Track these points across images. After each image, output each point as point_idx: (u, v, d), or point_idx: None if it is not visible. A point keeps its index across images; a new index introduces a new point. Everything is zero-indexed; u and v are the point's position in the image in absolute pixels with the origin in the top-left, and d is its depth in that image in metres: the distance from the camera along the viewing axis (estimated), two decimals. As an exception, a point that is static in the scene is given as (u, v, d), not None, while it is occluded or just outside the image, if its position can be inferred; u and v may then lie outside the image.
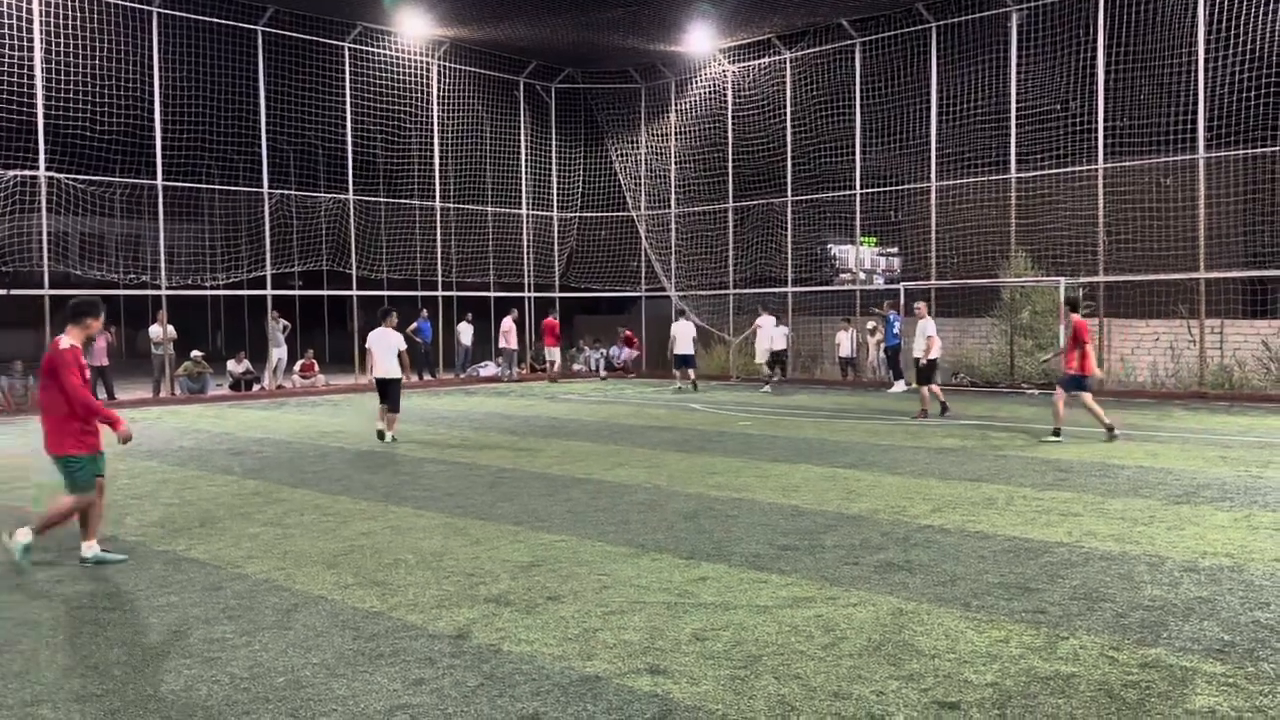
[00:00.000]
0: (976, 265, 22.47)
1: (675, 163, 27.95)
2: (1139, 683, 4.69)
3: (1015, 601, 6.01)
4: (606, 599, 6.15)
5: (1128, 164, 20.51)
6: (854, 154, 24.29)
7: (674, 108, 27.86)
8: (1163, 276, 20.07)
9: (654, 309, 28.90)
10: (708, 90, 27.14)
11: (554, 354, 26.22)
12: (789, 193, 25.52)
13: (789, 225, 25.54)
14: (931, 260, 23.25)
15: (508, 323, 25.88)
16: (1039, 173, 21.66)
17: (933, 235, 23.24)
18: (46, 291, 19.98)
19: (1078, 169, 21.15)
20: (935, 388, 16.61)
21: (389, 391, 14.33)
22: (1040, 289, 21.42)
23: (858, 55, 24.01)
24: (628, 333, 28.99)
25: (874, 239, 27.98)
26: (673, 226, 28.09)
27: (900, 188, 24.29)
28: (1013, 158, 21.93)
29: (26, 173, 19.54)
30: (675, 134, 27.90)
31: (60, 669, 5.08)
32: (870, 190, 24.39)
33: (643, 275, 28.89)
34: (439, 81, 25.97)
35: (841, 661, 5.01)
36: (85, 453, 7.28)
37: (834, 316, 25.05)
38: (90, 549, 7.37)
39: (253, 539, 8.04)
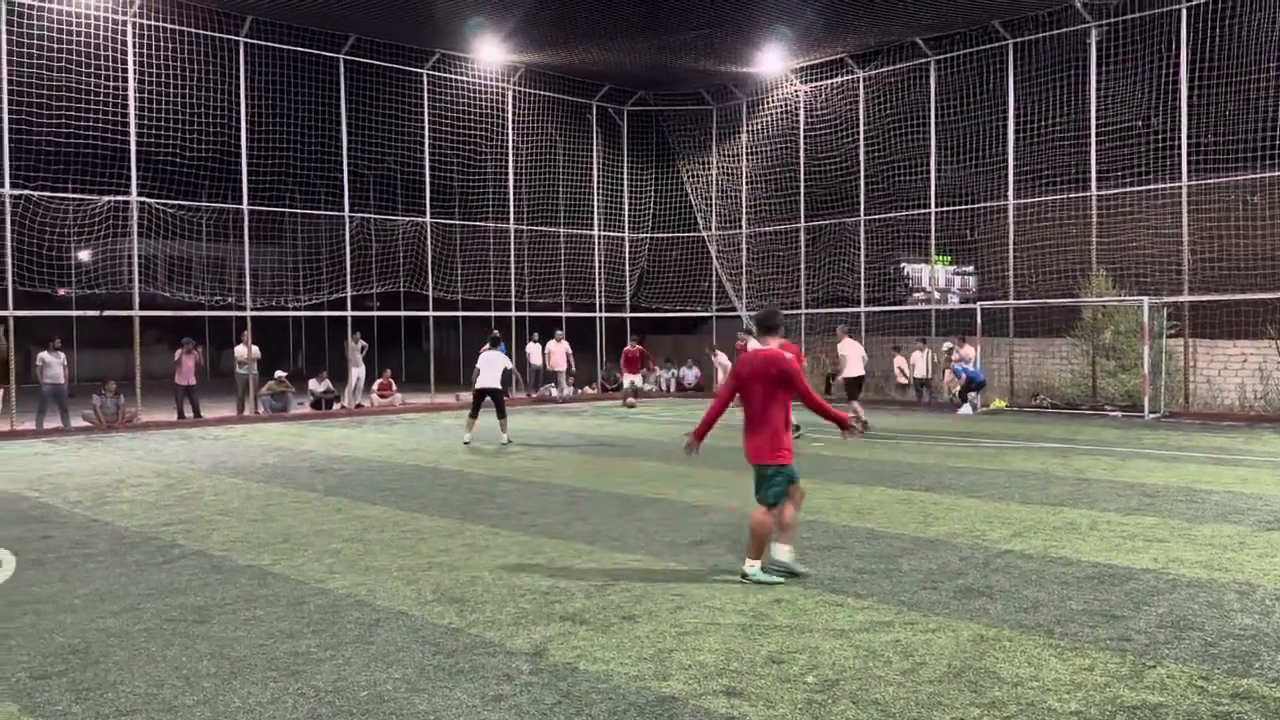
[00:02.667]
0: (1056, 284, 22.04)
1: (746, 183, 27.97)
2: (1230, 714, 4.55)
3: (1100, 629, 5.88)
4: (681, 619, 6.16)
5: (1213, 181, 19.98)
6: (929, 172, 24.06)
7: (745, 128, 27.90)
8: (1250, 296, 19.48)
9: (725, 329, 28.86)
10: (780, 110, 27.14)
11: (635, 380, 25.86)
12: (862, 211, 25.35)
13: (862, 244, 25.36)
14: (1009, 279, 22.88)
15: (552, 344, 26.02)
16: (1120, 190, 21.20)
17: (1010, 254, 22.87)
18: (137, 313, 20.72)
19: (1161, 186, 20.65)
20: (857, 404, 17.81)
21: (493, 400, 16.10)
22: (1123, 309, 20.92)
23: (932, 74, 23.81)
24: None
25: (949, 258, 27.63)
26: (744, 246, 28.08)
27: (976, 206, 23.97)
28: (1093, 175, 21.51)
29: (119, 198, 20.32)
30: (747, 154, 27.93)
31: (152, 680, 5.25)
32: (945, 209, 24.12)
33: (713, 295, 28.91)
34: (514, 106, 26.39)
35: (921, 688, 4.95)
36: (785, 463, 7.11)
37: (908, 336, 24.76)
38: (754, 567, 7.07)
39: (334, 555, 8.22)
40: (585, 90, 27.58)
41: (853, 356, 18.39)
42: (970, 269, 28.01)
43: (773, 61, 25.40)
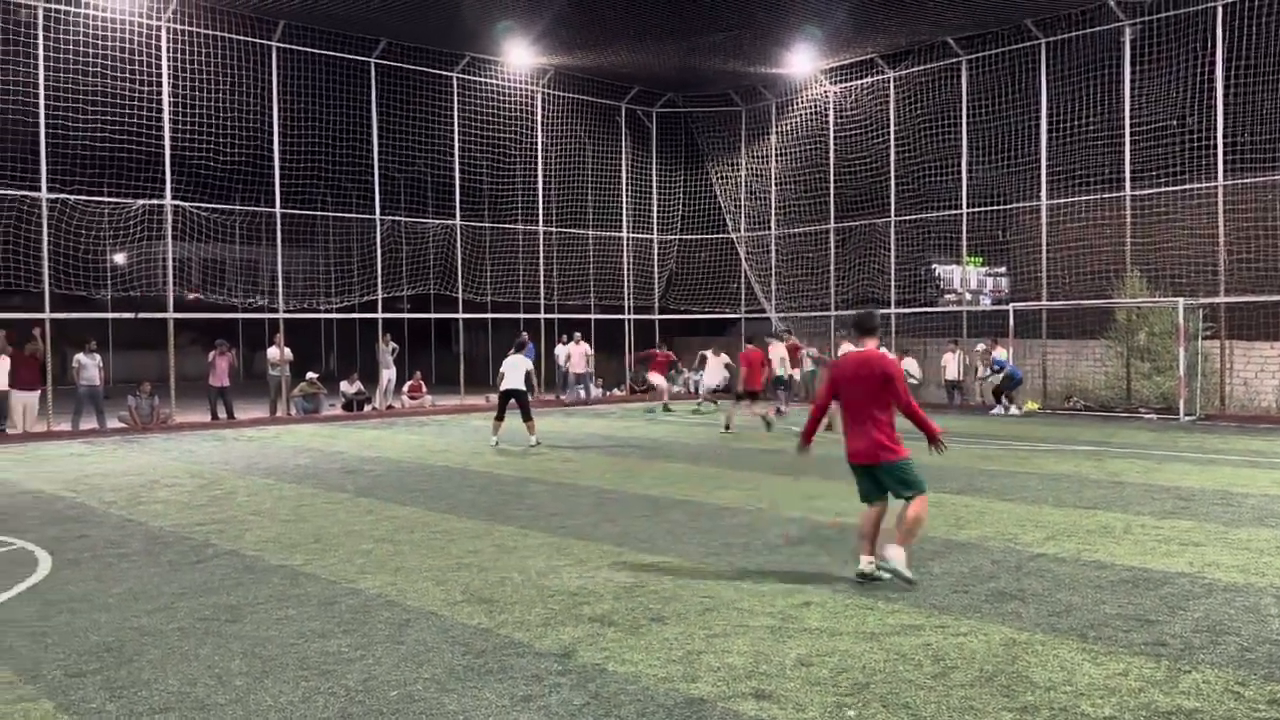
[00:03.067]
0: (1089, 286, 21.81)
1: (775, 184, 27.89)
2: (1270, 722, 4.48)
3: (1134, 633, 5.80)
4: (709, 621, 6.15)
5: (1249, 180, 19.68)
6: (960, 173, 23.89)
7: (775, 129, 27.83)
8: (1289, 297, 19.18)
9: (754, 331, 28.77)
10: (809, 111, 27.04)
11: (659, 380, 25.73)
12: (892, 212, 25.20)
13: (892, 245, 25.21)
14: (1042, 280, 22.66)
15: (570, 346, 25.97)
16: (1155, 190, 20.94)
17: (1043, 255, 22.66)
18: (171, 315, 20.96)
19: (1196, 186, 20.37)
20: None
21: (517, 402, 16.24)
22: (1158, 310, 20.66)
23: (964, 73, 23.64)
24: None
25: (980, 259, 27.40)
26: (773, 248, 28.00)
27: (1009, 206, 23.76)
28: (1127, 175, 21.26)
29: (154, 202, 20.57)
30: (776, 155, 27.85)
31: (185, 678, 5.30)
32: (977, 209, 23.93)
33: (742, 297, 28.84)
34: (543, 108, 26.46)
35: (952, 692, 4.91)
36: (908, 456, 7.14)
37: (939, 338, 24.58)
38: (870, 563, 7.05)
39: (365, 555, 8.27)
40: (614, 92, 27.61)
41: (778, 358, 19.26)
42: (1002, 270, 27.76)
43: (802, 62, 25.31)
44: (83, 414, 19.73)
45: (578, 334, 26.20)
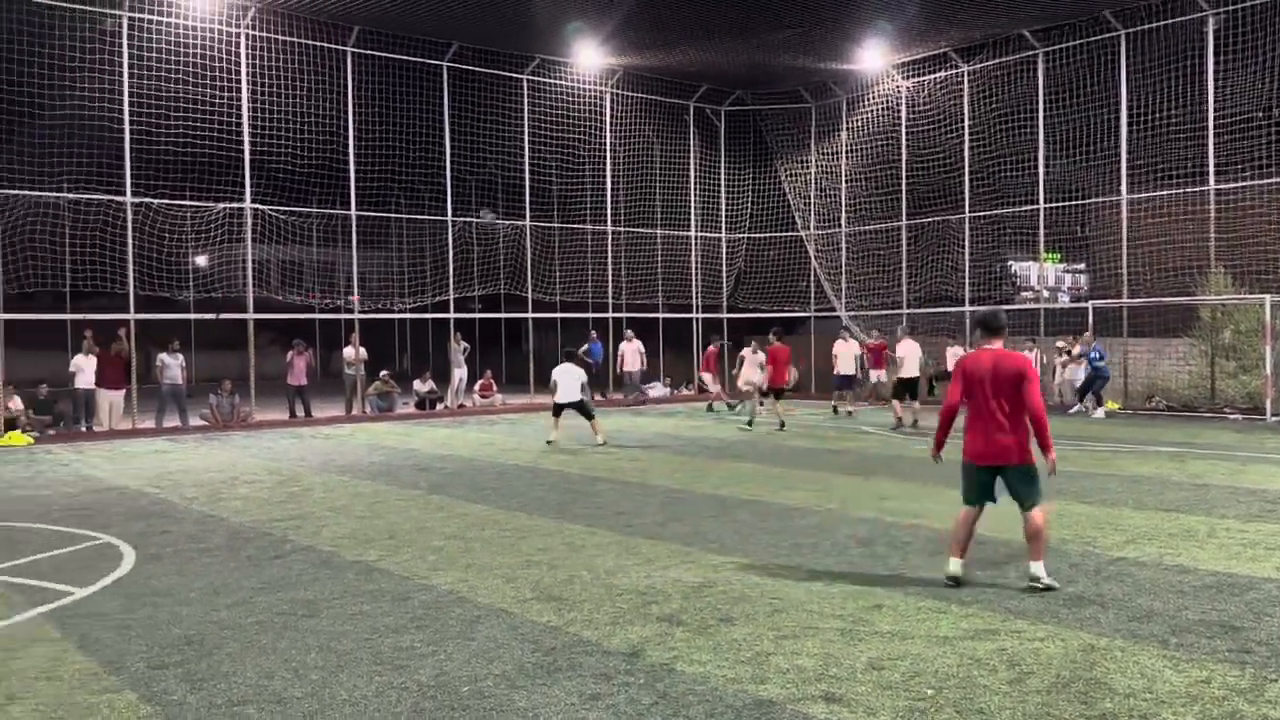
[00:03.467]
0: (1171, 282, 21.18)
1: (846, 181, 27.61)
2: (1365, 736, 4.30)
3: (1218, 640, 5.62)
4: (778, 623, 6.11)
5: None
6: (1037, 167, 23.39)
7: (845, 125, 27.54)
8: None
9: (824, 329, 28.53)
10: (881, 106, 26.71)
11: (711, 380, 25.46)
12: (966, 208, 24.77)
13: (966, 242, 24.78)
14: (1123, 277, 22.07)
15: (623, 345, 25.89)
16: (1240, 184, 20.25)
17: (1124, 251, 22.06)
18: (251, 316, 21.49)
19: (1285, 178, 19.67)
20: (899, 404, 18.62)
21: (577, 410, 16.35)
22: (1243, 307, 19.98)
23: (1040, 66, 23.13)
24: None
25: (1058, 255, 26.80)
26: (843, 245, 27.72)
27: (1087, 201, 23.20)
28: (1211, 168, 20.60)
29: (235, 205, 21.10)
30: (846, 152, 27.57)
31: (262, 671, 5.43)
32: (1055, 204, 23.41)
33: (812, 295, 28.61)
34: (611, 108, 26.55)
35: (1028, 698, 4.81)
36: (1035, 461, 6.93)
37: (1015, 337, 24.08)
38: (961, 565, 7.02)
39: (437, 552, 8.38)
40: (682, 91, 27.58)
41: (910, 357, 18.88)
42: (1082, 266, 27.11)
43: (873, 57, 25.01)
44: (166, 412, 20.32)
45: (628, 332, 26.18)
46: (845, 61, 25.35)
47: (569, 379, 16.42)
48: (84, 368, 19.27)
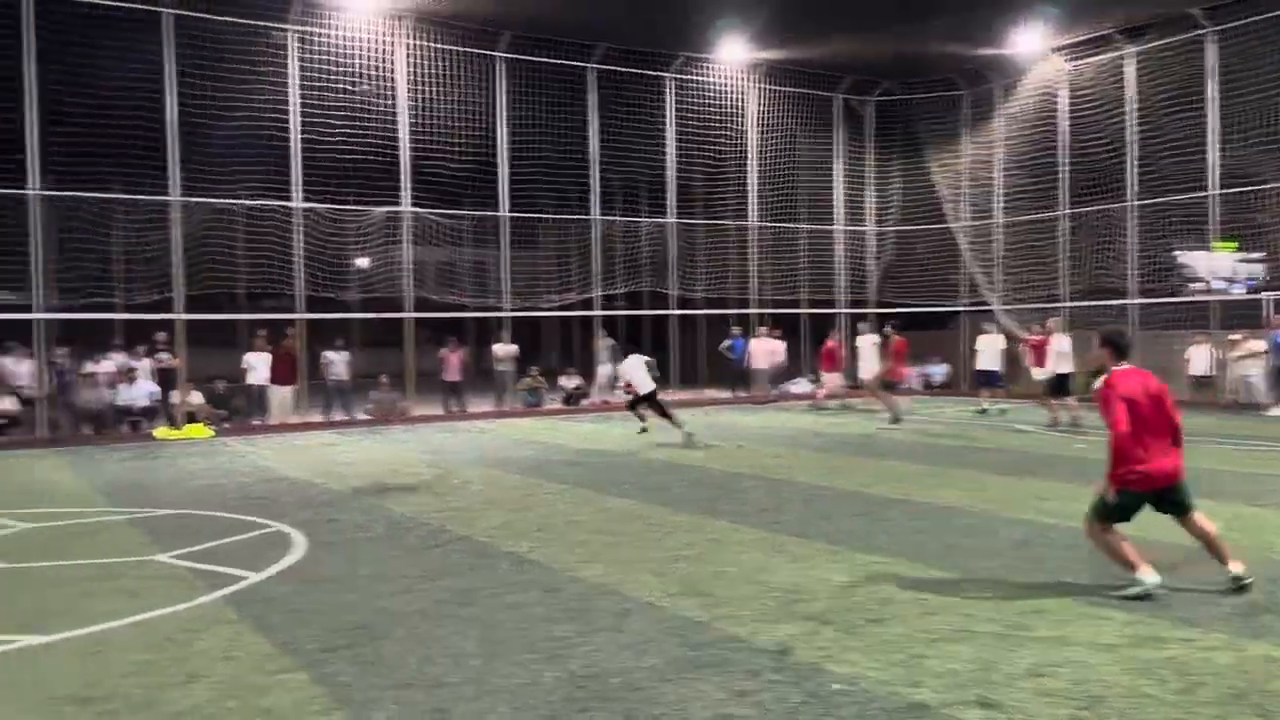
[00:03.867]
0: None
1: (1001, 170, 26.66)
2: None
3: None
4: (931, 625, 5.98)
5: None
6: (1207, 152, 22.05)
7: (1000, 112, 26.60)
8: None
9: (977, 324, 27.65)
10: (1039, 92, 25.67)
11: (831, 378, 24.78)
12: (1131, 196, 23.57)
13: (1131, 231, 23.57)
14: (1305, 266, 20.60)
15: (752, 343, 25.52)
16: None
17: (1306, 238, 20.58)
18: (408, 315, 22.36)
19: None
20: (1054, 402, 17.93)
21: (650, 403, 16.23)
22: None
23: (1211, 46, 21.79)
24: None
25: (1234, 244, 25.19)
26: (998, 236, 26.79)
27: (1265, 187, 21.73)
28: None
29: (394, 209, 21.99)
30: (1001, 140, 26.62)
31: (423, 657, 5.65)
32: (1228, 191, 22.02)
33: (964, 289, 27.76)
34: (756, 103, 26.42)
35: (1199, 710, 4.57)
36: None
37: (1185, 330, 22.76)
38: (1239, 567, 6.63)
39: (585, 545, 8.55)
40: (828, 84, 27.20)
41: (1063, 353, 18.20)
42: (1259, 256, 25.41)
43: (1031, 41, 24.07)
44: (332, 407, 21.37)
45: (760, 329, 25.88)
46: (1000, 46, 24.49)
47: (644, 372, 16.32)
48: (256, 365, 20.44)
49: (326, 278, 21.46)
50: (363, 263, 23.31)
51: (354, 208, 21.67)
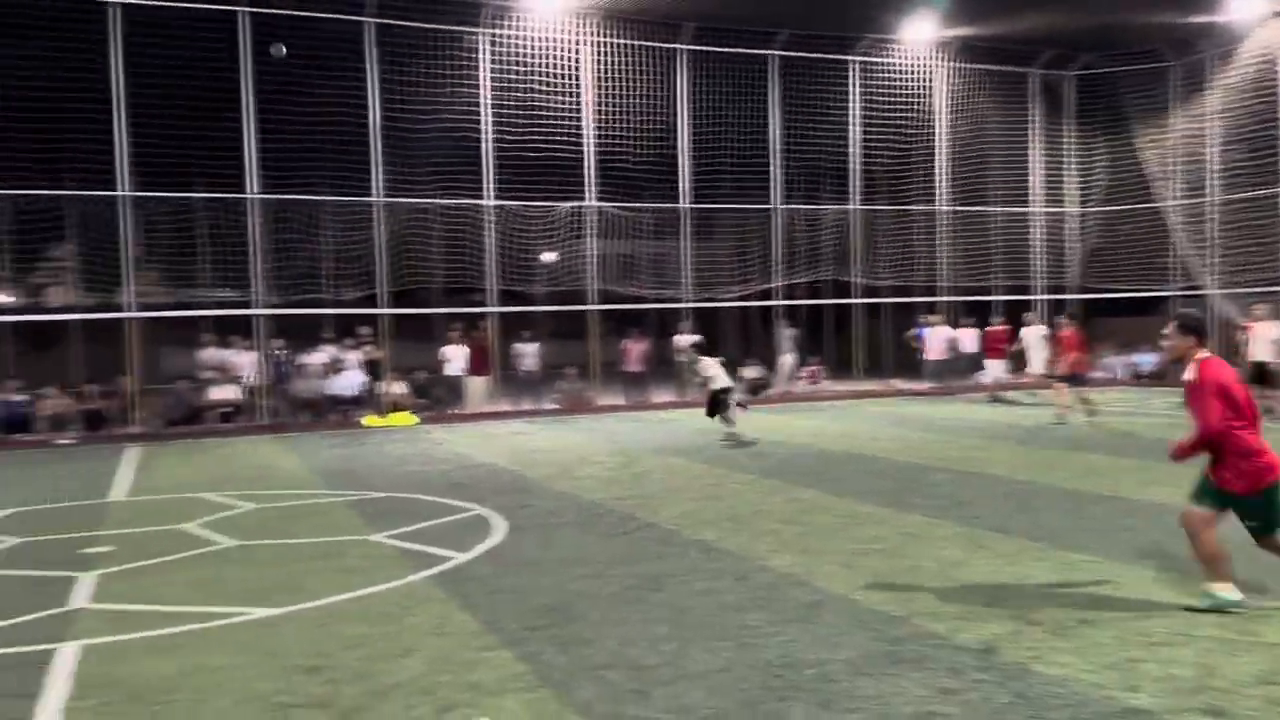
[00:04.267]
0: None
1: (1215, 145, 24.81)
2: None
3: None
4: (1148, 628, 5.65)
5: None
6: None
7: (1213, 83, 24.75)
8: None
9: (1189, 309, 25.83)
10: (1257, 60, 23.74)
11: (994, 365, 23.51)
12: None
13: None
14: None
15: (927, 332, 24.32)
16: None
17: None
18: (593, 307, 22.86)
19: None
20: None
21: (725, 397, 15.62)
22: None
23: None
24: None
25: None
26: (1213, 216, 24.95)
27: None
28: None
29: (579, 204, 22.51)
30: (1215, 113, 24.76)
31: (620, 639, 5.78)
32: None
33: (1175, 272, 26.01)
34: (944, 83, 25.56)
35: None
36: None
37: None
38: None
39: (773, 535, 8.52)
40: (1023, 59, 25.99)
41: (1266, 339, 17.17)
42: None
43: (1248, 4, 22.27)
44: (522, 396, 22.13)
45: (933, 317, 24.88)
46: (1213, 12, 22.78)
47: (720, 369, 15.97)
48: (452, 356, 21.41)
49: (515, 272, 22.19)
50: (548, 257, 23.97)
51: (541, 204, 22.30)
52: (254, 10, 19.38)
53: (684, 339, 23.75)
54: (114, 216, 18.97)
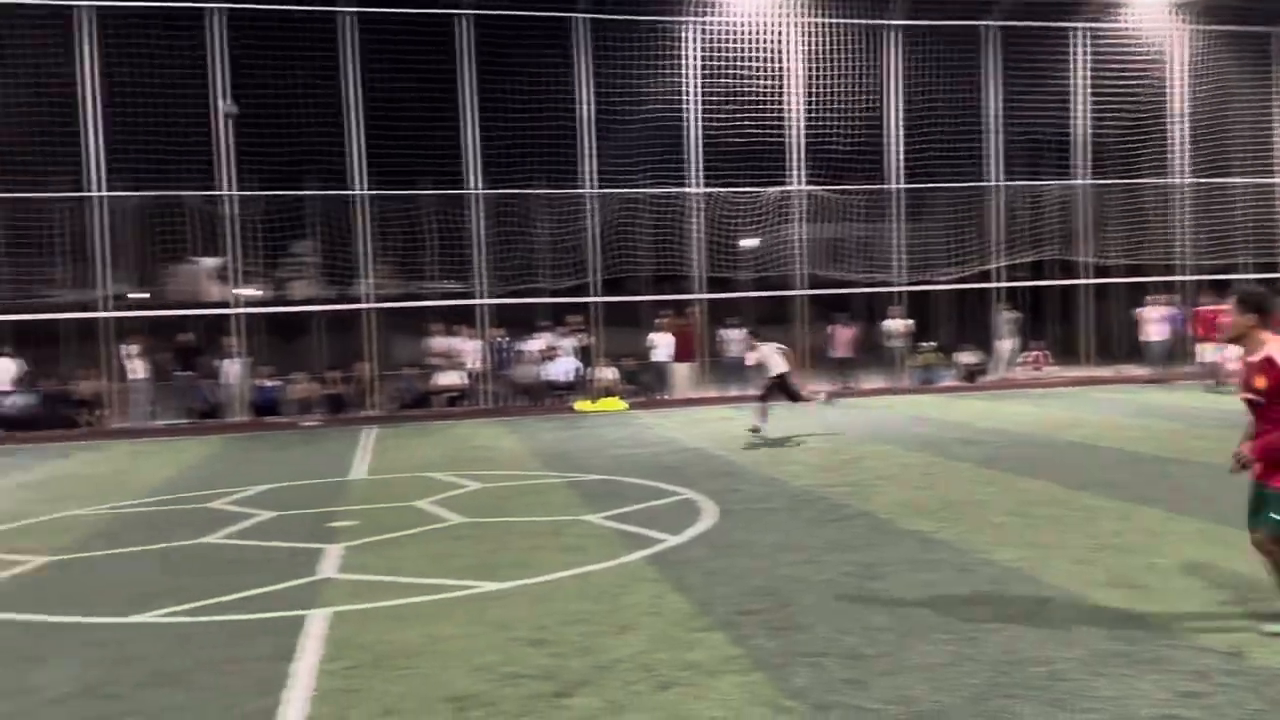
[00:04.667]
0: None
1: None
2: None
3: None
4: None
5: None
6: None
7: None
8: None
9: None
10: None
11: (1204, 348, 21.49)
12: None
13: None
14: None
15: (1144, 312, 22.31)
16: None
17: None
18: (800, 292, 22.67)
19: None
20: None
21: (782, 387, 14.69)
22: None
23: None
24: None
25: None
26: None
27: None
28: None
29: (787, 188, 22.34)
30: None
31: (835, 627, 5.73)
32: None
33: None
34: (1180, 46, 23.71)
35: None
36: None
37: None
38: None
39: (995, 527, 8.20)
40: (1271, 18, 23.75)
41: None
42: None
43: None
44: (729, 382, 22.21)
45: (1148, 298, 22.96)
46: None
47: (770, 356, 14.94)
48: (659, 343, 21.76)
49: (722, 258, 22.29)
50: (752, 243, 23.91)
51: (748, 190, 22.27)
52: (475, 13, 20.31)
53: (895, 323, 23.19)
54: (351, 214, 20.40)
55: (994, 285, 23.88)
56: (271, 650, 5.70)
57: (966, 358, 23.95)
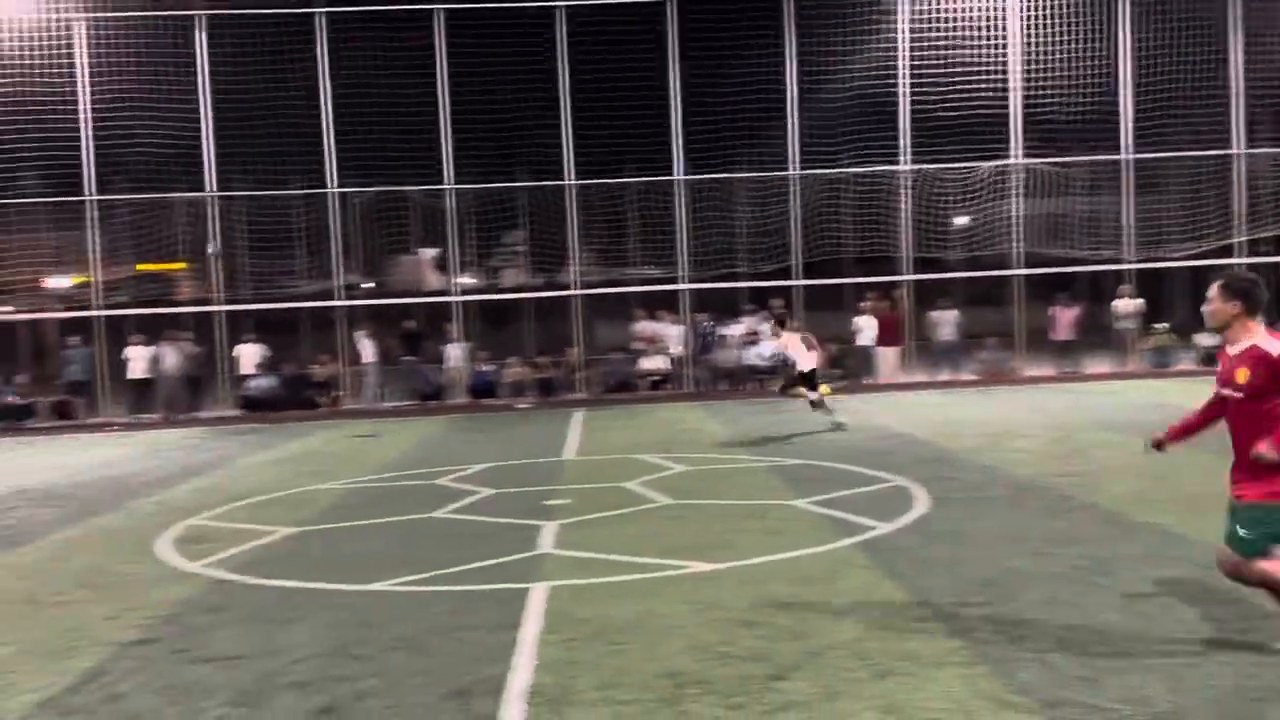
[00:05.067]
0: None
1: None
2: None
3: None
4: None
5: None
6: None
7: None
8: None
9: None
10: None
11: None
12: None
13: None
14: None
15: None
16: None
17: None
18: (1017, 272, 21.63)
19: None
20: None
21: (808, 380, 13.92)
22: None
23: None
24: None
25: None
26: None
27: None
28: None
29: (1003, 163, 21.37)
30: None
31: (1063, 624, 5.46)
32: None
33: None
34: None
35: None
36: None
37: None
38: None
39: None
40: None
41: None
42: None
43: None
44: (939, 366, 21.55)
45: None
46: None
47: (804, 346, 13.95)
48: (864, 327, 21.30)
49: (931, 238, 21.57)
50: (963, 220, 23.00)
51: (960, 165, 21.43)
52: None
53: (1125, 303, 21.79)
54: (559, 204, 21.02)
55: (1235, 261, 21.99)
56: (497, 620, 5.97)
57: (1205, 339, 22.18)
